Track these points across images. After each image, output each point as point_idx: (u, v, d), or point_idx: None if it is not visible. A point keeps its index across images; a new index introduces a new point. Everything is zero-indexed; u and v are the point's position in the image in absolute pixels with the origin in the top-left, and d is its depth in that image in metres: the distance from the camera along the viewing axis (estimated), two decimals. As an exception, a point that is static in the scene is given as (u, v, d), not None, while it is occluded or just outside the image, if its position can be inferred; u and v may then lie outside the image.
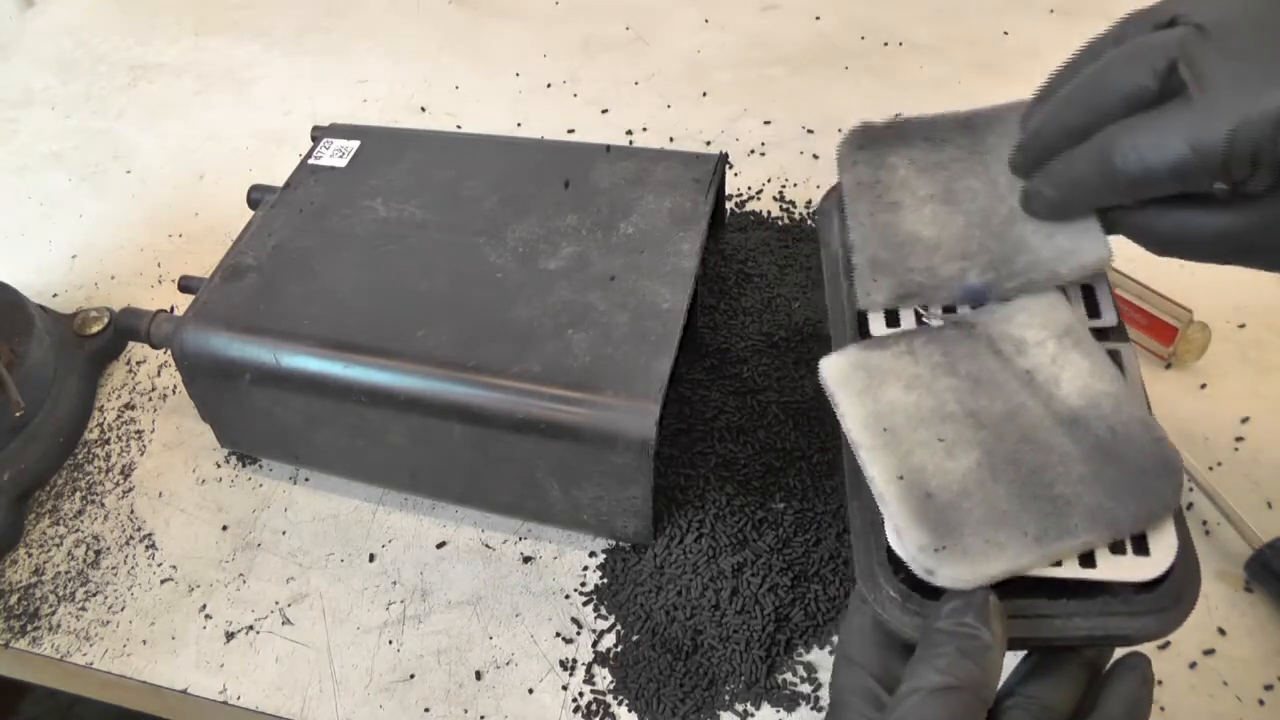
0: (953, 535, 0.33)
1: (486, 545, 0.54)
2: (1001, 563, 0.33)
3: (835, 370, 0.39)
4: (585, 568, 0.52)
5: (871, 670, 0.34)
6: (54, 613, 0.53)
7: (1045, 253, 0.39)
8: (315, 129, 0.64)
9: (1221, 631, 0.47)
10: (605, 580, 0.51)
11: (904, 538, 0.34)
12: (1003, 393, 0.37)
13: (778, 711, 0.46)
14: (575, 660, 0.49)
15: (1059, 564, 0.34)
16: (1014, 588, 0.33)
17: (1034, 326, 0.38)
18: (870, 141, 0.45)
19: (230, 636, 0.51)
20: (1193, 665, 0.46)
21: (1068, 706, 0.32)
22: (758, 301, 0.60)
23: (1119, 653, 0.35)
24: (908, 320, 0.41)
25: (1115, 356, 0.39)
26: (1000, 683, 0.32)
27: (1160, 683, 0.46)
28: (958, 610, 0.32)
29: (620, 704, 0.47)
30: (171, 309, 0.66)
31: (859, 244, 0.42)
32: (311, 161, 0.61)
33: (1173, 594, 0.33)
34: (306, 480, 0.57)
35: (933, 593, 0.34)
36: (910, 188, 0.43)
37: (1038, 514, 0.34)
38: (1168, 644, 0.47)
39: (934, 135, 0.44)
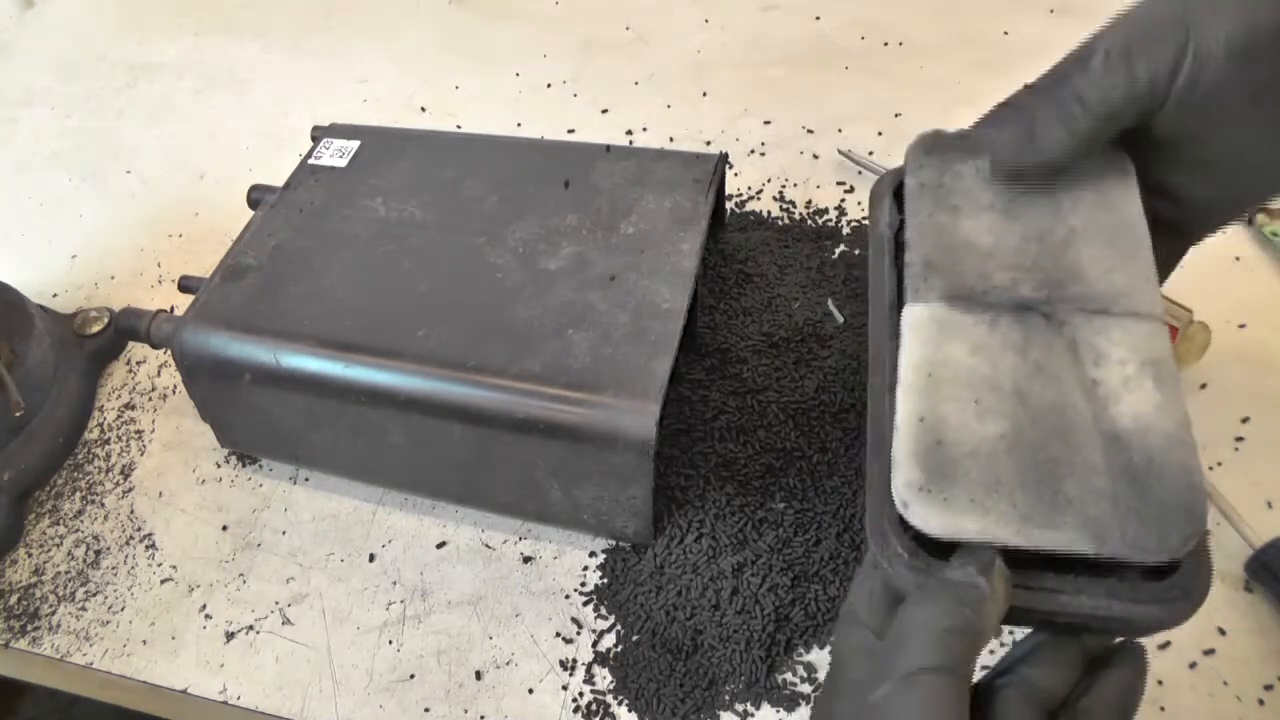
0: (942, 482, 0.34)
1: (486, 545, 0.54)
2: (977, 524, 0.33)
3: (913, 318, 0.39)
4: (585, 568, 0.52)
5: (877, 631, 0.34)
6: (54, 613, 0.53)
7: (1099, 287, 0.38)
8: (315, 129, 0.64)
9: (1221, 631, 0.47)
10: (605, 580, 0.51)
11: (897, 471, 0.34)
12: (1060, 387, 0.36)
13: (778, 711, 0.46)
14: (575, 660, 0.49)
15: None
16: (1023, 558, 0.33)
17: (1124, 346, 0.37)
18: (938, 148, 0.45)
19: (230, 636, 0.51)
20: (1193, 665, 0.46)
21: (1062, 690, 0.33)
22: (758, 301, 0.60)
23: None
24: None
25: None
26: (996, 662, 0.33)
27: (1160, 683, 0.46)
28: (962, 563, 0.32)
29: (620, 704, 0.47)
30: (171, 309, 0.66)
31: (914, 242, 0.42)
32: (311, 161, 0.61)
33: (1182, 585, 0.33)
34: (306, 480, 0.57)
35: (941, 552, 0.33)
36: (973, 195, 0.42)
37: (1034, 498, 0.33)
38: (1168, 644, 0.47)
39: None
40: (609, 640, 0.49)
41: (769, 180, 0.71)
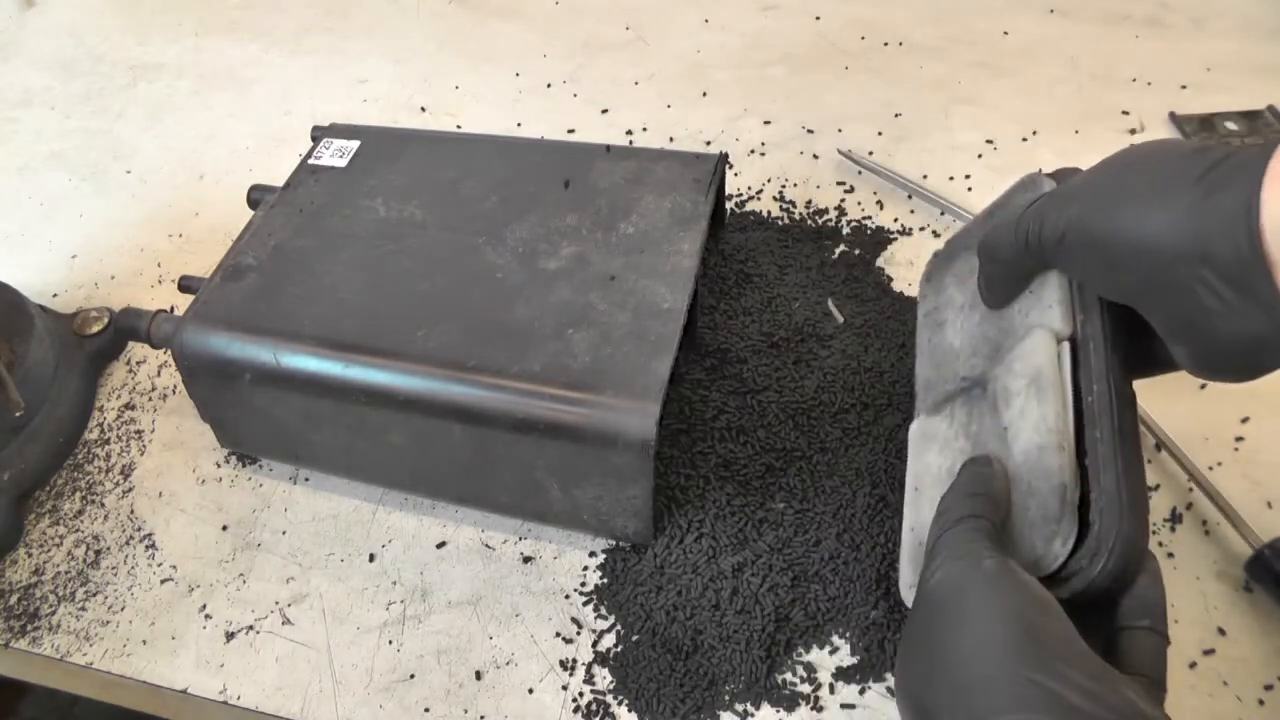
0: None
1: (486, 545, 0.54)
2: None
3: (912, 434, 0.48)
4: (585, 568, 0.52)
5: None
6: (54, 613, 0.53)
7: (1020, 329, 0.44)
8: (315, 129, 0.64)
9: (1221, 631, 0.47)
10: (605, 580, 0.51)
11: (900, 574, 0.44)
12: (988, 450, 0.42)
13: (778, 711, 0.46)
14: (575, 660, 0.49)
15: None
16: None
17: (1017, 374, 0.42)
18: (935, 270, 0.52)
19: (230, 636, 0.51)
20: (1193, 665, 0.46)
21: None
22: (758, 301, 0.60)
23: None
24: None
25: None
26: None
27: (1160, 683, 0.46)
28: (973, 459, 0.42)
29: (620, 704, 0.47)
30: (171, 309, 0.66)
31: (918, 369, 0.50)
32: (311, 161, 0.61)
33: (1089, 552, 0.37)
34: (306, 480, 0.57)
35: None
36: (954, 302, 0.49)
37: None
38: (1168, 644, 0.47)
39: (969, 241, 0.49)
40: (609, 640, 0.49)
41: (769, 180, 0.71)
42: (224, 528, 0.56)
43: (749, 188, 0.71)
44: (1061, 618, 0.34)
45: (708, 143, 0.76)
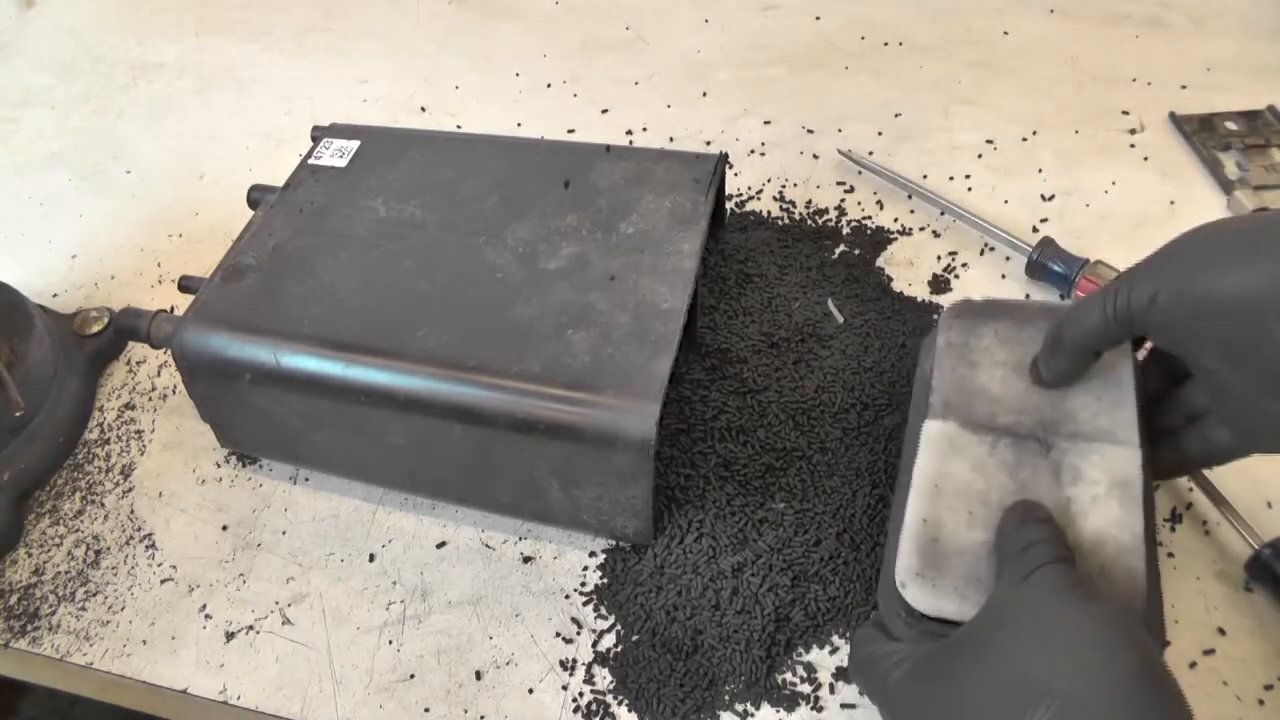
0: (932, 571, 0.41)
1: (486, 545, 0.54)
2: (956, 606, 0.40)
3: (932, 433, 0.46)
4: (585, 568, 0.52)
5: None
6: (54, 613, 0.53)
7: (1087, 428, 0.45)
8: (315, 129, 0.64)
9: (1221, 631, 0.47)
10: (605, 580, 0.51)
11: (901, 558, 0.42)
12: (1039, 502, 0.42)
13: (778, 711, 0.46)
14: (575, 660, 0.49)
15: None
16: None
17: (1099, 467, 0.43)
18: (967, 313, 0.51)
19: (230, 636, 0.51)
20: (1193, 665, 0.46)
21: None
22: (758, 301, 0.60)
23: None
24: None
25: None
26: None
27: (1160, 683, 0.46)
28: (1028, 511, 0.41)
29: (620, 704, 0.47)
30: (171, 309, 0.66)
31: (938, 387, 0.48)
32: (311, 161, 0.61)
33: None
34: (306, 480, 0.57)
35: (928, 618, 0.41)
36: (990, 353, 0.49)
37: None
38: (1167, 644, 0.47)
39: (1021, 316, 0.50)
40: (609, 640, 0.49)
41: (769, 180, 0.71)
42: (224, 528, 0.56)
43: (749, 188, 0.71)
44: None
45: (708, 143, 0.76)
